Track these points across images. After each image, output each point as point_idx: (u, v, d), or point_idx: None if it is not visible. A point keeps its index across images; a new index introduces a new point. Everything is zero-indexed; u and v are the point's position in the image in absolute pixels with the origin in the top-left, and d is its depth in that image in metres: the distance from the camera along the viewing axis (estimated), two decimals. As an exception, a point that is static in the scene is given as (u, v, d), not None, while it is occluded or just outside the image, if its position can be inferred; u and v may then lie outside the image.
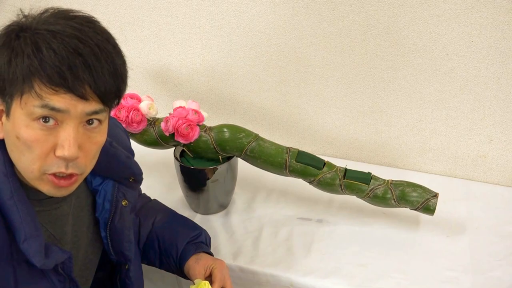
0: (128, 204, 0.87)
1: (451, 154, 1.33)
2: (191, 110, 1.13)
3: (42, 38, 0.64)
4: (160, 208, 1.09)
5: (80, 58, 0.64)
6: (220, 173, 1.16)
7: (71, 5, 1.44)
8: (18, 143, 0.67)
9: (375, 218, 1.20)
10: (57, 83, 0.64)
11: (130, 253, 0.90)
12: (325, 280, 1.05)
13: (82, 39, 0.66)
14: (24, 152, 0.67)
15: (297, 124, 1.43)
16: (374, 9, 1.19)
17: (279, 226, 1.19)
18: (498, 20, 1.12)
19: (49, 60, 0.63)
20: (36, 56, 0.63)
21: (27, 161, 0.68)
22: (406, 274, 1.06)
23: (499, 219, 1.20)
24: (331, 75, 1.31)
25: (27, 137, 0.66)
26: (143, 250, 1.03)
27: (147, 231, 1.03)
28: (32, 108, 0.65)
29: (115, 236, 0.87)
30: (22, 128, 0.66)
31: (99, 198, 0.85)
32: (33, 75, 0.64)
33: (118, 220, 0.87)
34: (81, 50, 0.65)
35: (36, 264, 0.69)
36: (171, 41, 1.42)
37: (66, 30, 0.65)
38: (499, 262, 1.08)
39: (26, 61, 0.64)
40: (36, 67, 0.63)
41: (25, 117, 0.66)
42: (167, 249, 1.00)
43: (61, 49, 0.64)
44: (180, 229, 1.02)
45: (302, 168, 1.11)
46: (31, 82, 0.64)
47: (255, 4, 1.28)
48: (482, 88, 1.21)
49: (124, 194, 0.87)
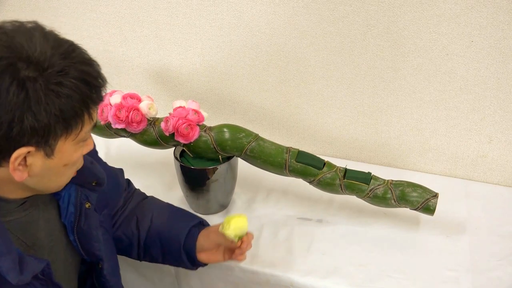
0: (91, 206, 0.88)
1: (451, 154, 1.33)
2: (191, 110, 1.13)
3: (73, 71, 0.68)
4: (157, 204, 1.10)
5: (96, 68, 0.71)
6: (220, 173, 1.16)
7: (71, 4, 1.45)
8: (64, 168, 0.74)
9: (375, 218, 1.20)
10: (100, 99, 0.72)
11: (100, 252, 0.91)
12: (325, 280, 1.05)
13: (86, 54, 0.72)
14: (67, 172, 0.75)
15: (297, 124, 1.43)
16: (374, 9, 1.19)
17: (279, 226, 1.19)
18: (498, 20, 1.12)
19: (93, 82, 0.69)
20: (82, 85, 0.68)
21: (68, 175, 0.78)
22: (406, 274, 1.06)
23: (499, 219, 1.20)
24: (331, 75, 1.31)
25: (76, 159, 0.74)
26: (144, 247, 1.04)
27: (146, 228, 1.03)
28: (85, 134, 0.72)
29: (83, 238, 0.88)
30: (72, 155, 0.73)
31: (63, 203, 0.86)
32: (87, 104, 0.69)
33: (84, 222, 0.87)
34: (92, 62, 0.71)
35: (11, 281, 0.69)
36: (171, 41, 1.42)
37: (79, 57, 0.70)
38: (499, 262, 1.08)
39: (75, 95, 0.67)
40: (88, 94, 0.68)
41: (76, 145, 0.72)
42: (170, 242, 1.01)
43: (89, 70, 0.69)
44: (180, 220, 1.04)
45: (302, 168, 1.11)
46: (88, 110, 0.69)
47: (255, 4, 1.28)
48: (482, 88, 1.21)
49: (87, 196, 0.88)
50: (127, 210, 1.07)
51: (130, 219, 1.05)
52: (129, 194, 1.10)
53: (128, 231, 1.04)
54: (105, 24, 1.46)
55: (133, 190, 1.12)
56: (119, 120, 1.11)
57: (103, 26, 1.47)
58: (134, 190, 1.12)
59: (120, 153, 1.45)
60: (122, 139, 1.22)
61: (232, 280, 1.12)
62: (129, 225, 1.05)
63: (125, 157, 1.43)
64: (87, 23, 1.47)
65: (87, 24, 1.48)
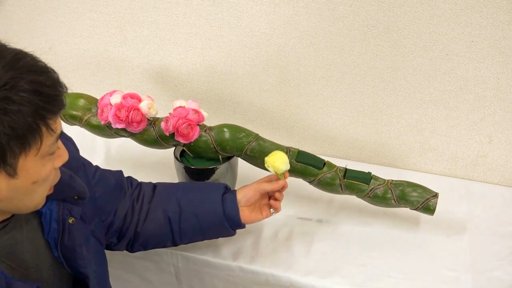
0: (74, 221, 0.85)
1: (451, 154, 1.33)
2: (191, 110, 1.13)
3: (19, 82, 0.63)
4: (173, 187, 1.08)
5: (51, 75, 0.66)
6: (220, 173, 1.15)
7: (71, 4, 1.45)
8: (34, 186, 0.69)
9: (375, 218, 1.20)
10: (60, 108, 0.67)
11: (85, 270, 0.87)
12: (325, 280, 1.05)
13: (37, 61, 0.66)
14: (38, 189, 0.70)
15: (297, 124, 1.43)
16: (374, 9, 1.19)
17: (279, 226, 1.19)
18: (498, 20, 1.12)
19: (47, 92, 0.64)
20: (34, 97, 0.63)
21: (42, 192, 0.72)
22: (406, 274, 1.06)
23: (499, 219, 1.20)
24: (331, 75, 1.31)
25: (46, 174, 0.69)
26: (181, 232, 1.03)
27: (177, 212, 1.02)
28: (48, 148, 0.67)
29: (67, 255, 0.85)
30: (39, 171, 0.68)
31: (45, 219, 0.83)
32: (43, 116, 0.64)
33: (67, 239, 0.84)
34: (46, 70, 0.66)
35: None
36: (171, 41, 1.42)
37: (26, 66, 0.65)
38: (499, 262, 1.08)
39: (26, 109, 0.62)
40: (43, 106, 0.63)
41: (40, 159, 0.67)
42: (209, 216, 1.02)
43: (40, 79, 0.64)
44: (207, 192, 1.05)
45: (302, 168, 1.11)
46: (45, 122, 0.64)
47: (255, 4, 1.28)
48: (482, 88, 1.21)
49: (70, 211, 0.85)
50: (144, 205, 1.04)
51: (154, 211, 1.03)
52: (136, 191, 1.07)
53: (156, 223, 1.02)
54: (105, 24, 1.46)
55: (140, 186, 1.09)
56: (119, 120, 1.11)
57: (103, 26, 1.47)
58: (140, 185, 1.09)
59: (120, 153, 1.45)
60: (122, 139, 1.22)
61: (232, 280, 1.12)
62: (155, 218, 1.02)
63: (125, 157, 1.43)
64: (87, 23, 1.47)
65: (87, 24, 1.48)
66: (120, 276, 1.21)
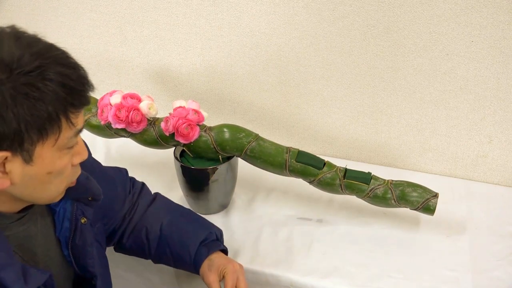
0: (87, 222, 0.87)
1: (451, 154, 1.33)
2: (191, 110, 1.13)
3: (48, 71, 0.64)
4: (166, 209, 1.09)
5: (79, 71, 0.67)
6: (220, 173, 1.16)
7: (71, 4, 1.45)
8: (49, 177, 0.69)
9: (375, 218, 1.20)
10: (83, 104, 0.68)
11: (93, 269, 0.89)
12: (325, 280, 1.05)
13: (67, 56, 0.68)
14: (53, 180, 0.71)
15: (297, 124, 1.43)
16: (374, 9, 1.19)
17: (279, 226, 1.19)
18: (498, 20, 1.12)
19: (71, 85, 0.65)
20: (58, 87, 0.64)
21: (56, 186, 0.72)
22: (406, 274, 1.06)
23: (499, 219, 1.20)
24: (331, 75, 1.31)
25: (62, 167, 0.70)
26: (155, 255, 1.04)
27: (156, 238, 1.03)
28: (67, 140, 0.68)
29: (77, 254, 0.87)
30: (55, 162, 0.68)
31: (58, 217, 0.84)
32: (64, 108, 0.65)
33: (79, 238, 0.86)
34: (74, 65, 0.67)
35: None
36: (171, 41, 1.42)
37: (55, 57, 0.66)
38: (499, 262, 1.08)
39: (48, 98, 0.63)
40: (65, 97, 0.65)
41: (57, 151, 0.68)
42: (180, 255, 1.01)
43: (67, 72, 0.65)
44: (190, 233, 1.03)
45: (302, 168, 1.11)
46: (66, 114, 0.66)
47: (255, 4, 1.28)
48: (482, 88, 1.21)
49: (83, 211, 0.86)
50: (136, 216, 1.06)
51: (140, 229, 1.04)
52: (134, 198, 1.08)
53: (138, 241, 1.04)
54: (105, 24, 1.46)
55: (139, 191, 1.10)
56: (119, 120, 1.11)
57: (103, 26, 1.47)
58: (140, 191, 1.10)
59: (120, 153, 1.45)
60: (122, 139, 1.22)
61: (232, 280, 1.12)
62: (139, 235, 1.04)
63: (125, 157, 1.43)
64: (87, 23, 1.47)
65: (87, 24, 1.48)
66: (120, 275, 1.20)
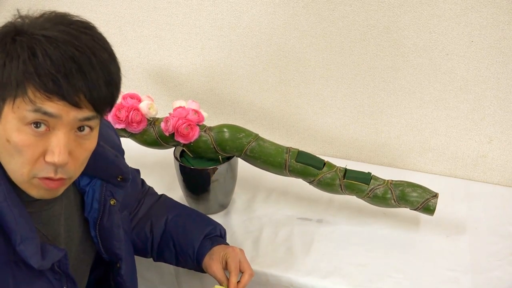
0: (116, 203, 0.88)
1: (451, 154, 1.33)
2: (191, 110, 1.13)
3: (39, 44, 0.64)
4: (171, 206, 1.09)
5: (76, 66, 0.65)
6: (220, 173, 1.15)
7: (71, 5, 1.45)
8: (9, 146, 0.67)
9: (375, 218, 1.20)
10: (51, 90, 0.64)
11: (120, 251, 0.90)
12: (325, 280, 1.05)
13: (78, 47, 0.66)
14: (14, 155, 0.67)
15: (297, 124, 1.43)
16: (374, 9, 1.19)
17: (279, 226, 1.19)
18: (498, 20, 1.12)
19: (45, 66, 0.63)
20: (31, 62, 0.63)
21: (17, 164, 0.68)
22: (406, 274, 1.06)
23: (499, 219, 1.20)
24: (331, 75, 1.31)
25: (18, 141, 0.66)
26: (158, 250, 1.03)
27: (161, 232, 1.03)
28: (24, 112, 0.65)
29: (104, 235, 0.88)
30: (13, 132, 0.66)
31: (87, 198, 0.85)
32: (28, 81, 0.64)
33: (107, 220, 0.87)
34: (77, 58, 0.65)
35: (34, 265, 0.70)
36: (171, 41, 1.42)
37: (63, 37, 0.65)
38: (499, 262, 1.08)
39: (21, 66, 0.63)
40: (31, 73, 0.63)
41: (17, 121, 0.66)
42: (183, 249, 1.00)
43: (57, 56, 0.64)
44: (194, 227, 1.03)
45: (302, 168, 1.11)
46: (24, 87, 0.64)
47: (255, 4, 1.28)
48: (482, 88, 1.21)
49: (113, 193, 0.87)
50: (141, 212, 1.06)
51: (144, 222, 1.04)
52: (142, 195, 1.09)
53: (142, 235, 1.04)
54: (105, 24, 1.46)
55: (147, 190, 1.11)
56: (119, 120, 1.11)
57: (103, 26, 1.45)
58: (147, 190, 1.11)
59: (120, 153, 1.45)
60: (122, 139, 1.22)
61: (232, 280, 1.12)
62: (143, 229, 1.04)
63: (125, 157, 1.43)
64: (87, 23, 1.47)
65: (87, 24, 1.47)
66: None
